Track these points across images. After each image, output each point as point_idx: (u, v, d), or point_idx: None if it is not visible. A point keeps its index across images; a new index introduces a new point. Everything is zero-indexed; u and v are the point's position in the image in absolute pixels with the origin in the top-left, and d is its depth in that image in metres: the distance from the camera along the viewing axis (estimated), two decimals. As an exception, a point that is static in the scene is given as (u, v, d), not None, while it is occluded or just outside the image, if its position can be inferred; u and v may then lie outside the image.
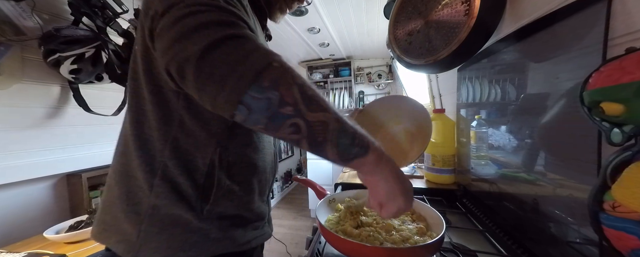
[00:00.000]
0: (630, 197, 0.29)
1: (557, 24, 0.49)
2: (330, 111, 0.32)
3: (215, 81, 0.29)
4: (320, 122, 0.31)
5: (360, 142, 0.34)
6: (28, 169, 1.02)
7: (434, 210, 0.59)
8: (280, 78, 0.30)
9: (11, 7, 0.89)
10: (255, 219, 0.51)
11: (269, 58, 0.30)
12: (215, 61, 0.29)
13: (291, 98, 0.30)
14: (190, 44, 0.29)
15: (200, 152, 0.43)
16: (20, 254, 0.82)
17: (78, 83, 1.09)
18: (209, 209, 0.43)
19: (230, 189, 0.45)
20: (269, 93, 0.29)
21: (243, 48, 0.29)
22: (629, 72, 0.28)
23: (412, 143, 0.72)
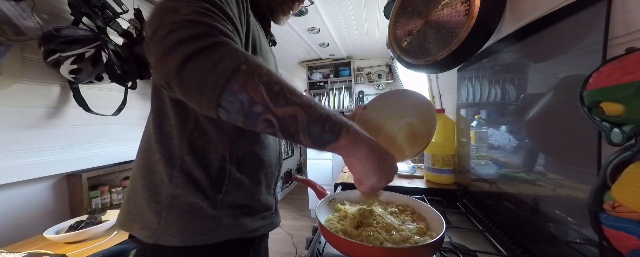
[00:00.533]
0: (630, 197, 0.29)
1: (557, 24, 0.49)
2: (298, 104, 0.34)
3: (194, 90, 0.33)
4: (289, 115, 0.34)
5: (330, 129, 0.36)
6: (28, 169, 1.02)
7: (434, 210, 0.59)
8: (247, 80, 0.33)
9: (11, 7, 0.89)
10: (263, 209, 0.56)
11: (235, 63, 0.33)
12: (191, 73, 0.33)
13: (259, 97, 0.33)
14: (169, 61, 0.33)
15: (213, 148, 0.49)
16: (20, 254, 0.82)
17: (78, 83, 1.09)
18: (221, 198, 0.48)
19: (240, 180, 0.51)
20: (239, 96, 0.33)
21: (213, 57, 0.33)
22: (629, 72, 0.28)
23: (416, 136, 0.72)
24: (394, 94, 0.78)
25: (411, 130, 0.73)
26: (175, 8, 0.35)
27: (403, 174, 1.21)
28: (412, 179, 1.16)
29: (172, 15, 0.34)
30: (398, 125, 0.76)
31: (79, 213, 1.14)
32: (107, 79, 1.09)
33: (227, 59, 0.33)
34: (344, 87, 3.45)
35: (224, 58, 0.33)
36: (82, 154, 1.20)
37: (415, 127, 0.73)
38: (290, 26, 2.09)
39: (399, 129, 0.75)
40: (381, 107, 0.75)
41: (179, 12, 0.34)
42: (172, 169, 0.47)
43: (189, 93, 0.34)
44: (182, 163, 0.47)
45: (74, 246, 0.91)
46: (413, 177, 1.18)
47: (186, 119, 0.48)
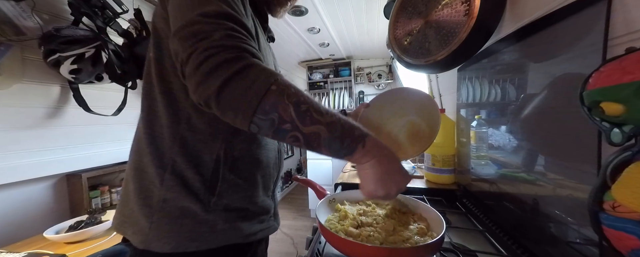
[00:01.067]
0: (630, 197, 0.29)
1: (557, 24, 0.49)
2: (322, 123, 0.38)
3: (231, 109, 0.37)
4: (314, 133, 0.38)
5: (348, 145, 0.40)
6: (28, 169, 1.02)
7: (434, 210, 0.59)
8: (278, 100, 0.36)
9: (11, 7, 0.89)
10: (261, 213, 0.54)
11: (267, 84, 0.36)
12: (228, 96, 0.36)
13: (288, 116, 0.37)
14: (208, 86, 0.36)
15: (207, 149, 0.47)
16: (20, 254, 0.82)
17: (78, 83, 1.09)
18: (215, 201, 0.47)
19: (235, 182, 0.49)
20: (271, 115, 0.36)
21: (246, 80, 0.36)
22: (629, 72, 0.28)
23: (419, 135, 0.72)
24: (396, 92, 0.77)
25: (413, 128, 0.73)
26: (207, 32, 0.37)
27: (403, 174, 1.21)
28: (412, 179, 1.16)
29: (206, 41, 0.36)
30: (400, 124, 0.75)
31: (79, 213, 1.14)
32: (107, 79, 1.09)
33: (259, 80, 0.36)
34: (344, 87, 3.45)
35: (256, 80, 0.36)
36: (82, 154, 1.20)
37: (417, 126, 0.72)
38: (290, 26, 2.09)
39: (401, 128, 0.75)
40: (383, 105, 0.75)
41: (211, 37, 0.37)
42: (163, 172, 0.46)
43: (225, 111, 0.37)
44: (173, 165, 0.46)
45: (74, 246, 0.91)
46: (413, 177, 1.18)
47: (178, 119, 0.47)
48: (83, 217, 1.04)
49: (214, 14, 0.38)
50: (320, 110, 0.38)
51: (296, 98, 0.37)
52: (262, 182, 0.55)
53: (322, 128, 0.38)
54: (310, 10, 1.82)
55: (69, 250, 0.88)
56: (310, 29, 2.19)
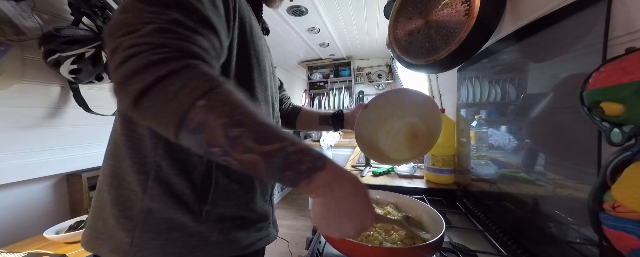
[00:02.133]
0: (630, 197, 0.29)
1: (557, 24, 0.49)
2: (257, 152, 0.30)
3: (153, 123, 0.31)
4: (249, 162, 0.31)
5: (290, 179, 0.33)
6: (28, 169, 1.02)
7: (434, 210, 0.59)
8: (205, 121, 0.29)
9: (11, 7, 0.89)
10: (259, 220, 0.50)
11: (194, 97, 0.29)
12: (147, 108, 0.30)
13: (216, 140, 0.30)
14: (125, 93, 0.30)
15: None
16: (20, 254, 0.82)
17: (78, 83, 1.09)
18: (207, 210, 0.42)
19: (229, 187, 0.44)
20: (196, 136, 0.30)
21: (169, 89, 0.29)
22: (629, 72, 0.28)
23: (419, 136, 0.71)
24: (396, 92, 0.76)
25: (412, 130, 0.73)
26: (135, 25, 0.30)
27: (403, 174, 1.21)
28: (412, 179, 1.16)
29: (131, 36, 0.30)
30: (399, 125, 0.75)
31: (79, 213, 1.14)
32: (107, 79, 1.09)
33: (184, 92, 0.29)
34: (344, 87, 3.45)
35: (179, 92, 0.29)
36: (82, 154, 1.20)
37: (416, 128, 0.72)
38: (290, 26, 2.09)
39: (400, 129, 0.74)
40: (382, 106, 0.74)
41: (139, 30, 0.30)
42: (146, 178, 0.40)
43: (150, 125, 0.32)
44: (157, 170, 0.40)
45: (74, 246, 0.91)
46: (413, 177, 1.18)
47: None
48: (83, 217, 1.04)
49: (154, 0, 0.31)
50: (259, 136, 0.30)
51: (228, 118, 0.29)
52: (260, 186, 0.50)
53: (257, 158, 0.30)
54: (310, 10, 1.82)
55: (69, 250, 0.88)
56: (310, 29, 2.19)
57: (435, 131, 0.65)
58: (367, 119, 0.73)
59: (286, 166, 0.32)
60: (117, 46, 0.30)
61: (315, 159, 0.33)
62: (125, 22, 0.31)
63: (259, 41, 0.50)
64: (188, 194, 0.41)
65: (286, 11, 1.81)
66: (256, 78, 0.49)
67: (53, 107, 1.09)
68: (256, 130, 0.31)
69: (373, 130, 0.76)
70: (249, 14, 0.49)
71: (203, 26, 0.34)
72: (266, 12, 0.62)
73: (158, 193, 0.40)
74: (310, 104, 3.62)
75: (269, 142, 0.31)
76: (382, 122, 0.76)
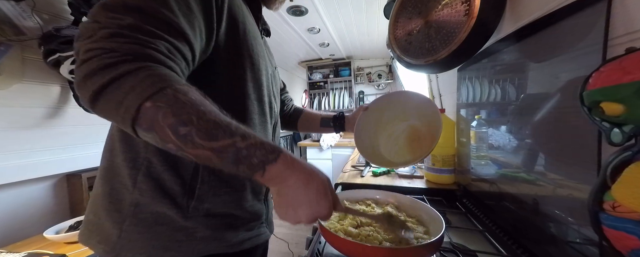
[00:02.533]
0: (630, 197, 0.29)
1: (557, 24, 0.49)
2: (208, 148, 0.32)
3: (114, 121, 0.33)
4: (202, 157, 0.32)
5: (244, 172, 0.34)
6: (28, 169, 1.02)
7: (433, 210, 0.59)
8: (154, 121, 0.31)
9: (11, 7, 0.89)
10: (250, 219, 0.50)
11: (140, 98, 0.30)
12: (104, 108, 0.32)
13: (168, 138, 0.31)
14: (84, 92, 0.31)
15: None
16: (20, 254, 0.82)
17: (78, 83, 1.09)
18: (194, 206, 0.43)
19: (216, 184, 0.45)
20: (149, 134, 0.32)
21: (119, 91, 0.30)
22: (629, 72, 0.28)
23: (420, 139, 0.71)
24: (397, 95, 0.76)
25: (414, 133, 0.73)
26: (92, 30, 0.32)
27: (403, 174, 1.21)
28: (412, 179, 1.16)
29: (87, 41, 0.32)
30: (400, 128, 0.75)
31: (79, 213, 1.14)
32: (107, 79, 1.09)
33: (133, 94, 0.30)
34: (344, 87, 3.45)
35: (129, 93, 0.30)
36: (82, 154, 1.20)
37: (417, 131, 0.72)
38: (290, 26, 2.09)
39: (401, 132, 0.75)
40: (383, 108, 0.74)
41: (94, 35, 0.32)
42: (137, 173, 0.42)
43: (107, 117, 0.33)
44: (148, 166, 0.42)
45: (74, 246, 0.91)
46: (413, 177, 1.18)
47: None
48: (83, 217, 1.04)
49: (116, 5, 0.33)
50: (207, 133, 0.31)
51: (174, 118, 0.31)
52: (251, 185, 0.50)
53: (208, 154, 0.32)
54: (310, 10, 1.82)
55: (69, 250, 0.88)
56: (310, 29, 2.19)
57: (436, 133, 0.65)
58: (367, 122, 0.73)
59: (238, 160, 0.33)
60: (78, 50, 0.32)
61: (267, 152, 0.34)
62: (87, 27, 0.33)
63: (254, 41, 0.50)
64: (177, 189, 0.42)
65: (286, 11, 1.81)
66: (249, 77, 0.49)
67: (53, 107, 1.09)
68: (204, 127, 0.32)
69: (373, 132, 0.76)
70: (245, 13, 0.50)
71: (163, 30, 0.34)
72: (266, 12, 0.62)
73: (147, 188, 0.41)
74: (310, 104, 3.62)
75: (218, 139, 0.32)
76: (384, 125, 0.76)
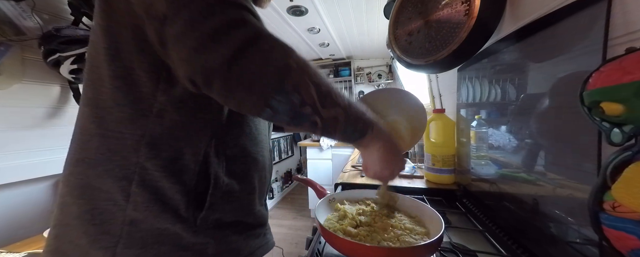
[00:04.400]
0: (630, 197, 0.29)
1: (557, 23, 0.49)
2: (341, 105, 0.35)
3: (243, 89, 0.30)
4: (333, 118, 0.35)
5: (361, 129, 0.39)
6: (28, 169, 1.02)
7: (433, 210, 0.59)
8: (300, 80, 0.31)
9: (11, 7, 0.89)
10: (257, 225, 0.46)
11: (286, 59, 0.31)
12: (243, 71, 0.29)
13: (310, 99, 0.32)
14: (212, 55, 0.28)
15: (189, 146, 0.36)
16: (20, 254, 0.82)
17: (78, 83, 1.09)
18: (203, 217, 0.37)
19: (230, 188, 0.39)
20: (291, 96, 0.31)
21: (262, 52, 0.30)
22: (629, 72, 0.28)
23: (402, 136, 0.73)
24: (384, 91, 0.81)
25: (396, 128, 0.75)
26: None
27: (403, 174, 1.21)
28: (412, 179, 1.16)
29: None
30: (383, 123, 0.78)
31: (79, 213, 1.14)
32: (107, 79, 1.09)
33: (278, 54, 0.30)
34: (344, 87, 3.45)
35: (273, 53, 0.30)
36: (82, 154, 1.20)
37: (400, 126, 0.75)
38: (290, 26, 2.09)
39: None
40: (370, 104, 0.77)
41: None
42: (129, 184, 0.34)
43: (234, 92, 0.30)
44: (142, 173, 0.34)
45: (73, 246, 0.91)
46: (413, 177, 1.18)
47: (142, 110, 0.35)
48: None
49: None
50: (337, 92, 0.35)
51: (317, 79, 0.33)
52: (259, 187, 0.46)
53: (340, 112, 0.35)
54: (310, 10, 1.82)
55: (68, 250, 0.88)
56: (310, 29, 2.18)
57: (419, 131, 0.71)
58: None
59: (358, 117, 0.38)
60: (185, 1, 0.28)
61: (367, 110, 0.41)
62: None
63: None
64: (179, 199, 0.35)
65: (286, 11, 1.81)
66: None
67: (53, 107, 1.09)
68: (335, 88, 0.35)
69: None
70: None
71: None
72: (265, 11, 0.62)
73: (143, 200, 0.34)
74: (310, 104, 3.61)
75: (345, 98, 0.36)
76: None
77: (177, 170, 0.36)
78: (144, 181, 0.35)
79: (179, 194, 0.36)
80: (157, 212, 0.35)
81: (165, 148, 0.36)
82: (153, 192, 0.35)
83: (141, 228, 0.34)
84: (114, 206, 0.34)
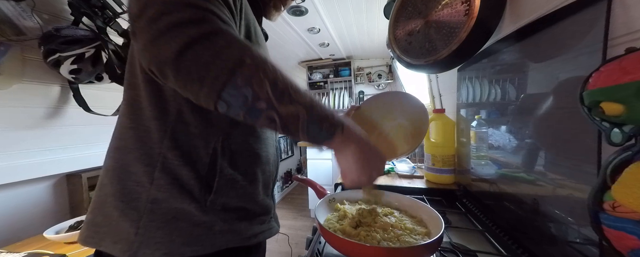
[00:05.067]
0: (630, 197, 0.29)
1: (557, 24, 0.49)
2: (300, 102, 0.35)
3: (194, 80, 0.32)
4: (292, 115, 0.34)
5: (328, 127, 0.38)
6: (28, 169, 1.01)
7: (433, 210, 0.59)
8: (253, 75, 0.32)
9: (11, 7, 0.89)
10: (261, 213, 0.51)
11: (240, 55, 0.32)
12: (191, 62, 0.31)
13: (264, 94, 0.32)
14: (165, 46, 0.31)
15: (202, 141, 0.43)
16: (20, 254, 0.82)
17: (78, 83, 1.09)
18: (212, 200, 0.43)
19: (232, 178, 0.45)
20: (243, 90, 0.32)
21: (215, 46, 0.31)
22: (629, 72, 0.28)
23: (406, 138, 0.74)
24: (386, 96, 0.81)
25: (401, 131, 0.76)
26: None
27: (403, 174, 1.21)
28: (412, 179, 1.16)
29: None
30: (389, 127, 0.77)
31: (79, 213, 1.14)
32: (107, 79, 1.09)
33: (231, 49, 0.32)
34: (344, 87, 3.45)
35: (227, 47, 0.31)
36: (82, 154, 1.20)
37: (405, 129, 0.75)
38: (290, 26, 2.09)
39: (389, 130, 0.77)
40: (373, 108, 0.77)
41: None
42: (153, 169, 0.41)
43: (186, 83, 0.32)
44: (164, 161, 0.41)
45: (74, 246, 0.91)
46: (413, 177, 1.18)
47: (166, 110, 0.42)
48: (83, 217, 1.04)
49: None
50: (298, 90, 0.35)
51: (273, 74, 0.33)
52: (263, 179, 0.51)
53: (300, 109, 0.34)
54: (310, 10, 1.82)
55: (69, 250, 0.88)
56: (310, 29, 2.18)
57: (422, 132, 0.71)
58: (358, 121, 0.76)
59: (323, 116, 0.37)
60: (148, 2, 0.31)
61: (335, 111, 0.40)
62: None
63: (260, 47, 0.51)
64: (193, 184, 0.42)
65: (286, 11, 1.81)
66: None
67: (53, 107, 1.09)
68: (295, 85, 0.35)
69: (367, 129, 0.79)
70: (253, 17, 0.50)
71: (223, 3, 0.37)
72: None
73: (165, 183, 0.41)
74: (310, 104, 3.61)
75: (307, 95, 0.36)
76: (374, 125, 0.79)
77: (193, 160, 0.42)
78: (166, 168, 0.41)
79: (193, 180, 0.42)
80: (175, 193, 0.41)
81: (184, 142, 0.42)
82: (173, 177, 0.41)
83: (162, 206, 0.40)
84: (141, 187, 0.41)
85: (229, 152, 0.45)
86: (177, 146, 0.42)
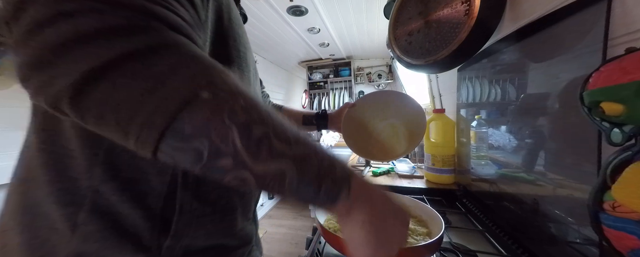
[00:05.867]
0: (630, 197, 0.29)
1: (557, 24, 0.49)
2: (288, 156, 0.23)
3: (110, 126, 0.20)
4: (273, 173, 0.23)
5: (327, 190, 0.25)
6: (28, 169, 1.02)
7: (433, 210, 0.59)
8: (211, 119, 0.20)
9: (11, 7, 0.89)
10: (240, 245, 0.40)
11: (190, 86, 0.20)
12: (105, 96, 0.19)
13: (229, 146, 0.21)
14: (54, 79, 0.18)
15: (154, 167, 0.30)
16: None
17: None
18: (169, 245, 0.30)
19: (200, 212, 0.33)
20: (194, 142, 0.20)
21: (152, 71, 0.19)
22: (629, 72, 0.28)
23: (399, 138, 0.74)
24: (381, 94, 0.81)
25: (394, 130, 0.76)
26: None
27: (403, 174, 1.21)
28: (412, 179, 1.16)
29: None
30: (381, 126, 0.78)
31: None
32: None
33: (175, 79, 0.20)
34: (344, 87, 3.45)
35: (169, 76, 0.19)
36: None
37: (397, 128, 0.75)
38: (290, 26, 2.09)
39: (382, 129, 0.78)
40: (367, 106, 0.77)
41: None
42: (76, 210, 0.28)
43: (101, 128, 0.21)
44: (95, 198, 0.28)
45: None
46: (413, 177, 1.18)
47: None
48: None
49: None
50: (287, 136, 0.24)
51: (246, 115, 0.21)
52: (241, 205, 0.39)
53: (287, 165, 0.23)
54: (310, 10, 1.82)
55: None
56: (310, 29, 2.18)
57: (418, 134, 0.71)
58: (352, 119, 0.76)
59: (321, 173, 0.25)
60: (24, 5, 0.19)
61: (341, 160, 0.27)
62: None
63: (239, 29, 0.39)
64: (141, 226, 0.29)
65: (286, 11, 1.81)
66: (235, 71, 0.38)
67: (53, 107, 1.09)
68: (282, 128, 0.23)
69: (357, 128, 0.78)
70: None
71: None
72: (264, 9, 0.62)
73: (95, 230, 0.28)
74: (310, 104, 3.62)
75: (298, 143, 0.24)
76: (366, 123, 0.78)
77: (140, 193, 0.30)
78: (97, 207, 0.28)
79: (141, 219, 0.30)
80: (113, 243, 0.28)
81: (125, 168, 0.29)
82: (108, 219, 0.29)
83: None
84: (58, 236, 0.28)
85: (193, 178, 0.32)
86: (115, 175, 0.29)
